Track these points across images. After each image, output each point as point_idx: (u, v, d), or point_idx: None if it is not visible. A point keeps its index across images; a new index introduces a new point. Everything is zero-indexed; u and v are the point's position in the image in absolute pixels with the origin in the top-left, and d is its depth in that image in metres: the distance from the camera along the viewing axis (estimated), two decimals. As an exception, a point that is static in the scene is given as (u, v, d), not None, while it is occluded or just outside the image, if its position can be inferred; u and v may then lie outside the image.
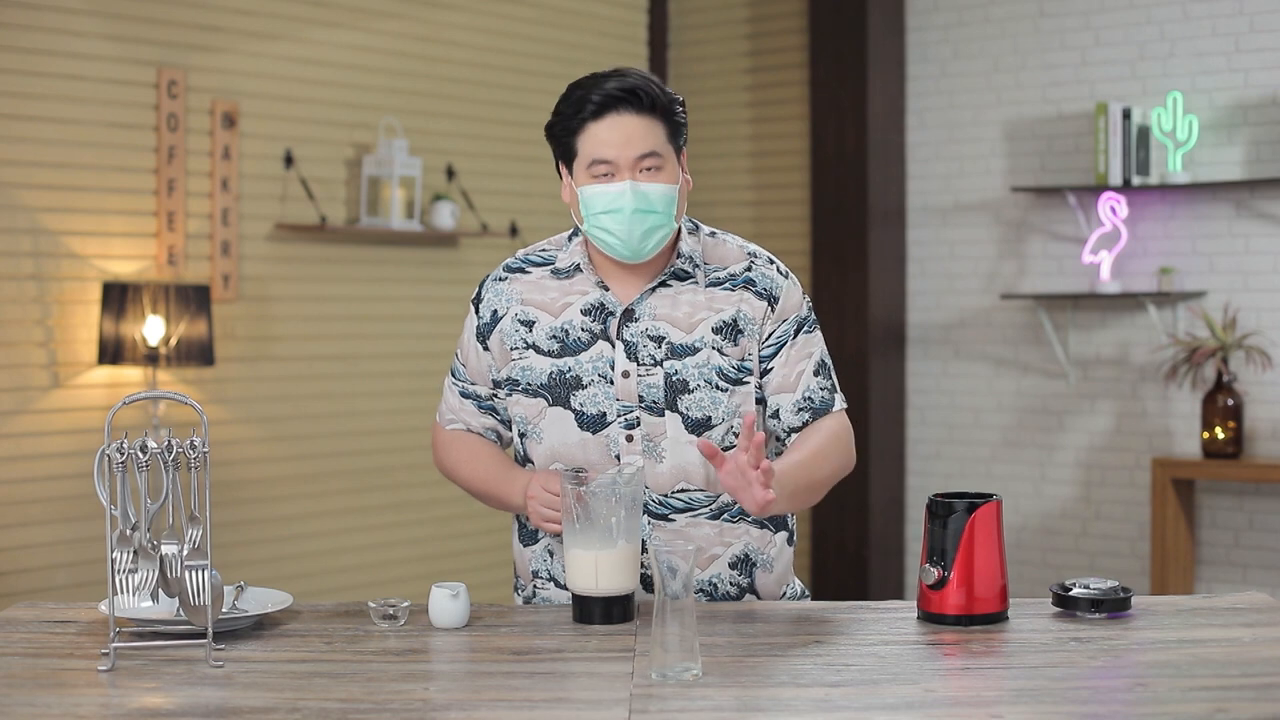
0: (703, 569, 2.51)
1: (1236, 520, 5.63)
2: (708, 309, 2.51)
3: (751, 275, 2.54)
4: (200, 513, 2.17)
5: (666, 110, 2.45)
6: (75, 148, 4.77)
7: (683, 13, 6.82)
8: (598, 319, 2.51)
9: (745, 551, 2.54)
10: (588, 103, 2.42)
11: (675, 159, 2.48)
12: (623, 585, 2.33)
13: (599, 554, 2.31)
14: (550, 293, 2.54)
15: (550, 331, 2.52)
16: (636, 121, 2.42)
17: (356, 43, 5.50)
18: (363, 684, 2.00)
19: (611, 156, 2.42)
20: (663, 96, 2.45)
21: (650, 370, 2.48)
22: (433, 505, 5.73)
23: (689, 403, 2.48)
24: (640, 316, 2.50)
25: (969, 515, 2.32)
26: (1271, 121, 5.50)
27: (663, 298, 2.51)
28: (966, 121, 6.17)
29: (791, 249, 6.42)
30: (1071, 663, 2.07)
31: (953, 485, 6.15)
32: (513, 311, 2.55)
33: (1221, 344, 5.35)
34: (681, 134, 2.50)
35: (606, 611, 2.34)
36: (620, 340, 2.49)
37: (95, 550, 4.76)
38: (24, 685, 2.00)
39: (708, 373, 2.48)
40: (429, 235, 5.62)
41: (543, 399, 2.52)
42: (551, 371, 2.51)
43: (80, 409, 4.77)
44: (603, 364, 2.49)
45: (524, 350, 2.53)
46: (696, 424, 2.48)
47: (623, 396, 2.48)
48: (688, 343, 2.49)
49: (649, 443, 2.48)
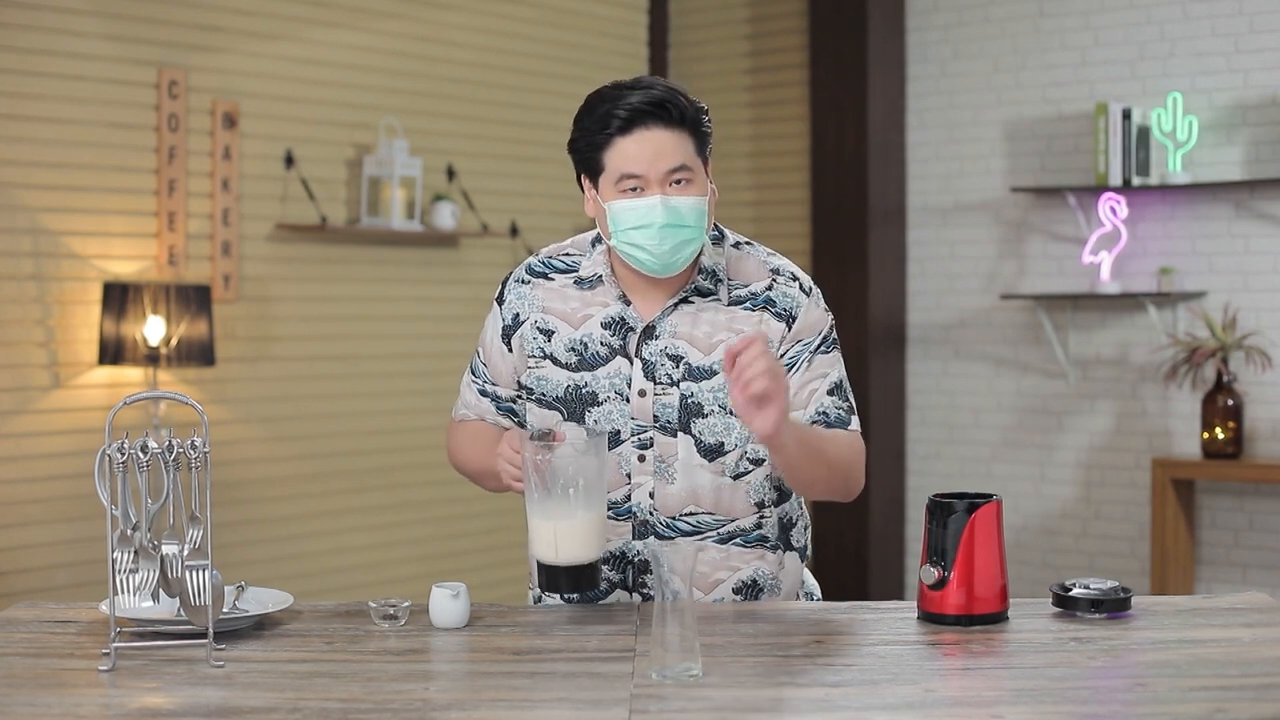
0: (706, 593, 2.47)
1: (1236, 520, 5.63)
2: (727, 329, 2.45)
3: (772, 295, 2.47)
4: (201, 513, 2.17)
5: (694, 121, 2.39)
6: (76, 148, 4.77)
7: (683, 13, 6.82)
8: (617, 334, 2.46)
9: (753, 577, 2.50)
10: (614, 117, 2.35)
11: (704, 170, 2.42)
12: (584, 555, 2.28)
13: (557, 524, 2.26)
14: (572, 303, 2.49)
15: (569, 343, 2.47)
16: (666, 135, 2.36)
17: (357, 43, 5.50)
18: (363, 684, 2.00)
19: (641, 171, 2.36)
20: (690, 108, 2.39)
21: (667, 390, 2.43)
22: (433, 505, 5.73)
23: (702, 427, 2.43)
24: (660, 334, 2.45)
25: (969, 515, 2.32)
26: (1271, 121, 5.50)
27: (684, 315, 2.45)
28: (966, 121, 6.17)
29: (791, 249, 6.42)
30: (1071, 663, 2.07)
31: (953, 485, 6.15)
32: (533, 318, 2.51)
33: (1221, 344, 5.35)
34: (708, 144, 2.43)
35: (573, 581, 2.29)
36: (639, 358, 2.45)
37: (96, 550, 4.76)
38: (24, 685, 2.00)
39: (722, 398, 2.42)
40: (429, 235, 5.62)
41: (558, 412, 2.47)
42: (568, 385, 2.47)
43: (81, 409, 4.78)
44: (619, 381, 2.44)
45: (541, 360, 2.49)
46: (709, 449, 2.44)
47: (638, 415, 2.44)
48: (705, 365, 2.44)
49: (660, 463, 2.44)
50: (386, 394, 5.61)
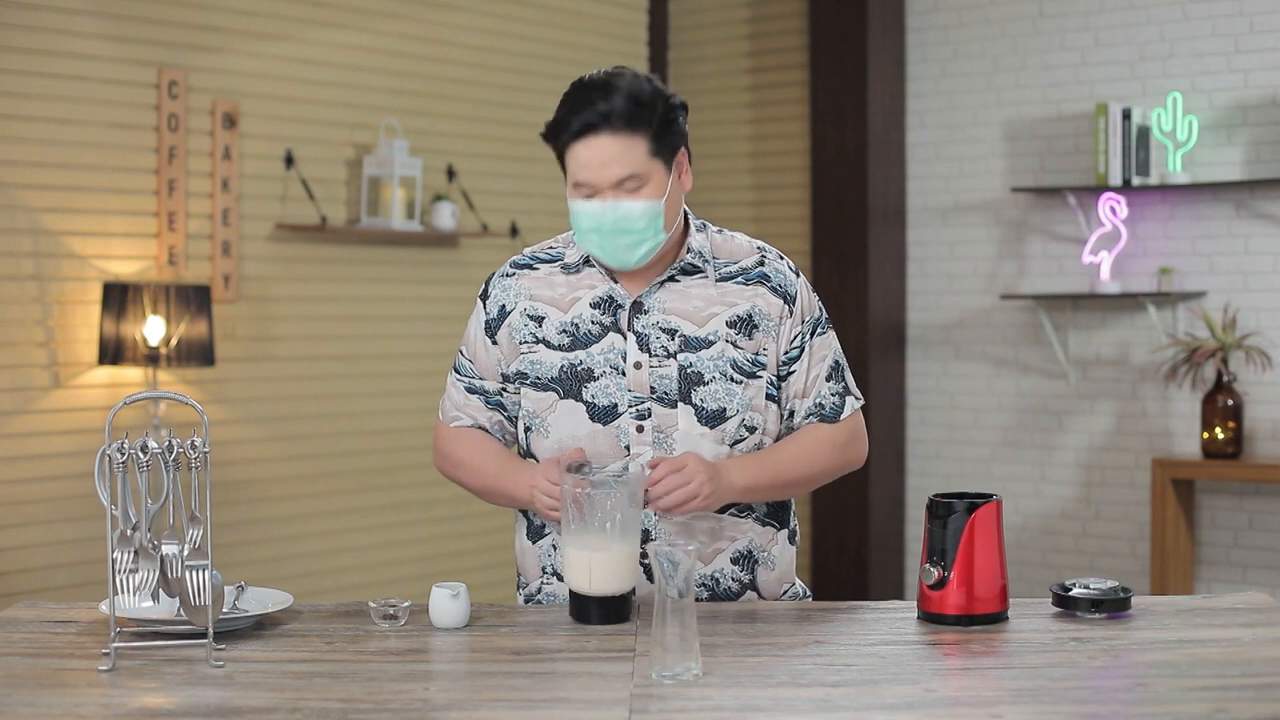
0: (705, 563, 2.51)
1: (1236, 520, 5.63)
2: (720, 303, 2.51)
3: (765, 270, 2.55)
4: (201, 513, 2.17)
5: (650, 123, 2.41)
6: (76, 148, 4.77)
7: (683, 13, 6.81)
8: (607, 311, 2.51)
9: (749, 548, 2.55)
10: (566, 126, 2.41)
11: (664, 169, 2.44)
12: (618, 587, 2.33)
13: (593, 555, 2.31)
14: (559, 288, 2.54)
15: (560, 326, 2.52)
16: (613, 144, 2.39)
17: (357, 43, 5.50)
18: (363, 684, 2.00)
19: (589, 179, 2.41)
20: (645, 111, 2.40)
21: (663, 362, 2.48)
22: (433, 505, 5.73)
23: (704, 395, 2.48)
24: (650, 309, 2.50)
25: (969, 515, 2.32)
26: (1271, 122, 5.50)
27: (672, 292, 2.51)
28: (966, 121, 6.17)
29: (791, 249, 6.42)
30: (1071, 663, 2.07)
31: (953, 485, 6.15)
32: (521, 306, 2.55)
33: (1221, 344, 5.35)
34: (674, 140, 2.45)
35: (604, 612, 2.33)
36: (632, 332, 2.49)
37: (96, 550, 4.76)
38: (25, 685, 2.00)
39: (723, 365, 2.49)
40: (429, 235, 5.62)
41: (553, 392, 2.52)
42: (562, 365, 2.51)
43: (81, 409, 4.78)
44: (614, 355, 2.49)
45: (534, 345, 2.53)
46: (711, 416, 2.48)
47: (634, 388, 2.48)
48: (701, 336, 2.49)
49: (659, 434, 2.48)
50: (386, 394, 5.61)
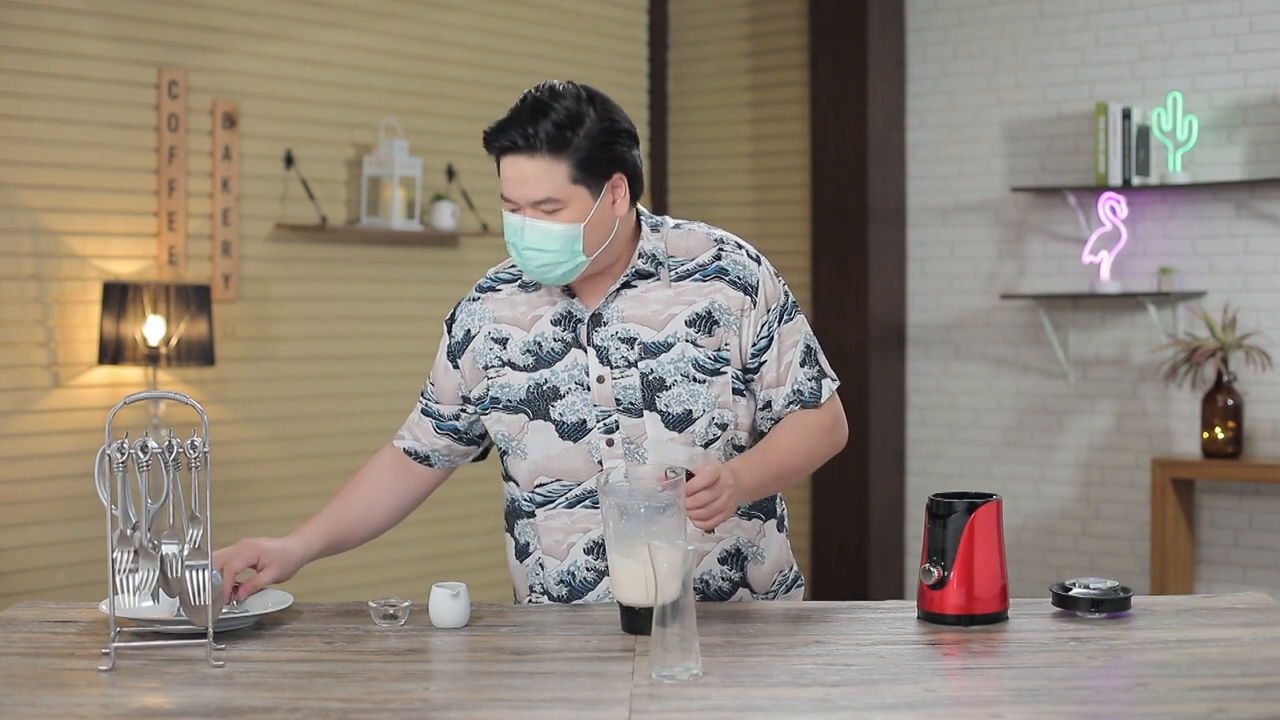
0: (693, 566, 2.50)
1: (1236, 520, 5.63)
2: (678, 302, 2.49)
3: (723, 264, 2.51)
4: (201, 512, 2.17)
5: (577, 149, 2.38)
6: (75, 148, 4.77)
7: (683, 13, 6.81)
8: (567, 327, 2.50)
9: (736, 545, 2.54)
10: (494, 140, 2.43)
11: (589, 195, 2.40)
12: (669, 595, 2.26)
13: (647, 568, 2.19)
14: (520, 307, 2.54)
15: (524, 346, 2.52)
16: (530, 166, 2.39)
17: (356, 43, 5.50)
18: (363, 684, 2.00)
19: (510, 194, 2.42)
20: (572, 137, 2.38)
21: (625, 372, 2.47)
22: (433, 505, 5.68)
23: (668, 399, 2.46)
24: (609, 320, 2.49)
25: (969, 515, 2.32)
26: (1271, 121, 5.50)
27: (628, 299, 2.49)
28: (966, 121, 6.17)
29: (791, 249, 6.42)
30: (1071, 663, 2.07)
31: (953, 485, 6.15)
32: (485, 330, 2.55)
33: (1221, 344, 5.35)
34: (603, 168, 2.41)
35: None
36: (591, 346, 2.48)
37: (95, 550, 4.76)
38: (25, 685, 2.00)
39: (684, 366, 2.46)
40: (429, 235, 5.62)
41: (523, 414, 2.51)
42: (529, 386, 2.50)
43: (80, 409, 4.78)
44: (578, 371, 2.48)
45: (500, 368, 2.53)
46: (678, 420, 2.46)
47: (600, 401, 2.47)
48: (660, 340, 2.47)
49: (629, 445, 2.47)
50: (386, 394, 5.61)
